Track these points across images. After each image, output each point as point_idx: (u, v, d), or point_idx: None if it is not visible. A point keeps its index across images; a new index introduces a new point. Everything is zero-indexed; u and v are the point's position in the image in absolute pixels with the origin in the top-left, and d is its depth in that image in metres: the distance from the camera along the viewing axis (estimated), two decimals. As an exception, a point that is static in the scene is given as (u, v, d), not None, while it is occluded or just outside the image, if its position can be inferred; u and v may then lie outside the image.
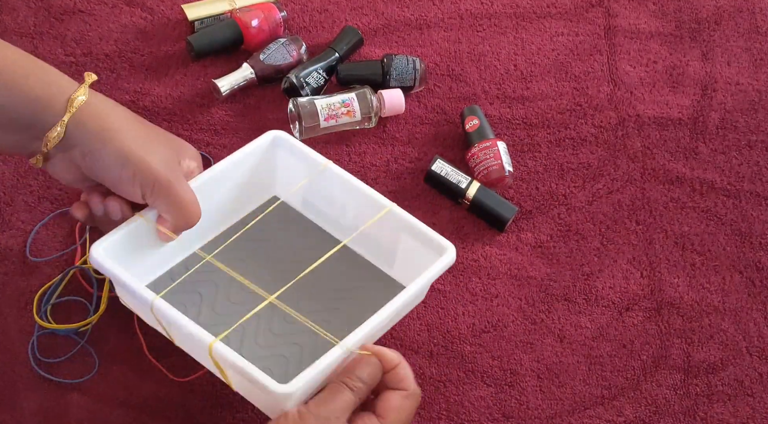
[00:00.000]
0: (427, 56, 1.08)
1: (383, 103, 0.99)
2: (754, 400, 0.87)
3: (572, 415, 0.84)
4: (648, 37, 1.13)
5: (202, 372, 0.82)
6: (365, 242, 0.82)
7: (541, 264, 0.93)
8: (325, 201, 0.84)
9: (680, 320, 0.91)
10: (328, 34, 1.08)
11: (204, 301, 0.79)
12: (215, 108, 1.01)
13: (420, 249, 0.77)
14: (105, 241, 0.72)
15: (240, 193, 0.83)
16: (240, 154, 0.80)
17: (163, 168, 0.70)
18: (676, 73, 1.10)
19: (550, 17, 1.14)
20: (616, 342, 0.89)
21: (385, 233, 0.80)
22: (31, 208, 0.91)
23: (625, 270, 0.94)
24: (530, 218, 0.96)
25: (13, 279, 0.86)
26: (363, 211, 0.80)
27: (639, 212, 0.98)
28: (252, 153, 0.81)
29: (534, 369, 0.87)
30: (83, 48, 1.04)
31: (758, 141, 1.05)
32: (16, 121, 0.67)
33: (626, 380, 0.87)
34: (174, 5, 1.08)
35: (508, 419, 0.84)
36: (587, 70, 1.09)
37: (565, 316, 0.90)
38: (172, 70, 1.03)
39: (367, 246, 0.83)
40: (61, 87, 0.68)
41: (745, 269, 0.95)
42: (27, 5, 1.06)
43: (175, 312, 0.68)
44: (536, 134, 1.03)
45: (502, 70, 1.08)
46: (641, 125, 1.05)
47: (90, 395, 0.81)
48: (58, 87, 0.68)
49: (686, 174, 1.01)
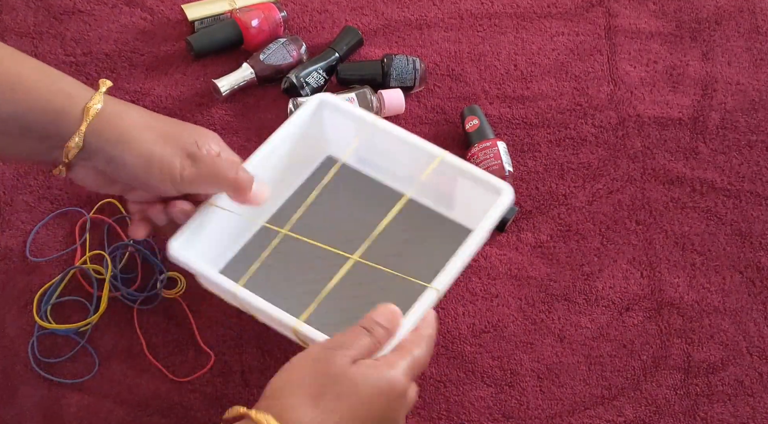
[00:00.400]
0: (427, 56, 1.08)
1: (383, 103, 0.99)
2: (754, 400, 0.87)
3: (572, 415, 0.84)
4: (648, 37, 1.13)
5: (202, 372, 0.82)
6: (423, 190, 0.84)
7: (541, 264, 0.93)
8: (378, 156, 0.85)
9: (680, 320, 0.91)
10: (328, 34, 1.08)
11: (282, 274, 0.80)
12: (215, 108, 1.01)
13: (477, 191, 0.80)
14: (180, 237, 0.73)
15: (295, 161, 0.85)
16: (289, 125, 0.81)
17: (185, 156, 0.69)
18: (676, 73, 1.10)
19: (551, 17, 1.14)
20: (616, 342, 0.89)
21: (441, 180, 0.82)
22: (31, 209, 0.91)
23: (625, 270, 0.94)
24: (530, 218, 0.96)
25: (13, 279, 0.86)
26: (416, 161, 0.82)
27: (639, 211, 0.98)
28: (301, 121, 0.82)
29: (534, 369, 0.87)
30: (83, 48, 1.04)
31: (758, 141, 1.05)
32: (36, 131, 0.67)
33: (626, 380, 0.87)
34: (174, 5, 1.08)
35: (508, 419, 0.84)
36: (587, 70, 1.09)
37: (565, 316, 0.90)
38: (172, 70, 1.03)
39: (426, 194, 0.85)
40: (76, 96, 0.68)
41: (745, 269, 0.95)
42: (27, 5, 1.06)
43: (258, 299, 0.70)
44: (536, 134, 1.03)
45: (502, 70, 1.08)
46: (641, 125, 1.05)
47: (90, 395, 0.81)
48: (74, 96, 0.68)
49: (686, 174, 1.01)
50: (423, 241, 0.84)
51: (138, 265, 0.87)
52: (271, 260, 0.80)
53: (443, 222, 0.86)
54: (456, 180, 0.82)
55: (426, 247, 0.84)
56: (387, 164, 0.86)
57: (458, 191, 0.83)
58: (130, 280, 0.87)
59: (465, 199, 0.83)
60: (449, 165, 0.80)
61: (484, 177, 0.79)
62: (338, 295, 0.76)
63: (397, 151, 0.83)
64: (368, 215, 0.82)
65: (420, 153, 0.81)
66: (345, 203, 0.86)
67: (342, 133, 0.85)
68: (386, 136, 0.82)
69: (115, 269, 0.86)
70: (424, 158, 0.81)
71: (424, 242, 0.84)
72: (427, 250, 0.84)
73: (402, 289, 0.76)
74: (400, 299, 0.75)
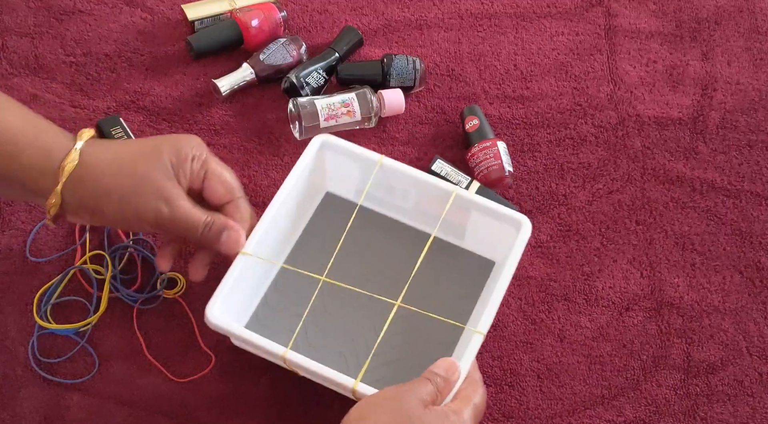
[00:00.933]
0: (427, 56, 1.08)
1: (383, 104, 0.99)
2: (754, 400, 0.87)
3: (572, 415, 0.84)
4: (648, 37, 1.13)
5: (203, 373, 0.82)
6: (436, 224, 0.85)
7: (541, 264, 0.93)
8: (383, 191, 0.86)
9: (680, 320, 0.91)
10: (328, 34, 1.08)
11: (320, 328, 0.82)
12: (215, 108, 1.01)
13: (492, 223, 0.83)
14: (216, 302, 0.73)
15: (300, 202, 0.86)
16: (296, 174, 0.81)
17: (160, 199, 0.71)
18: (676, 73, 1.10)
19: (550, 17, 1.14)
20: (616, 342, 0.89)
21: (454, 213, 0.84)
22: (31, 208, 0.91)
23: (625, 270, 0.94)
24: (530, 218, 0.96)
25: (13, 279, 0.86)
26: (424, 195, 0.84)
27: (639, 212, 0.98)
28: (305, 165, 0.83)
29: (534, 369, 0.87)
30: (83, 48, 1.04)
31: (758, 141, 1.05)
32: (19, 184, 0.69)
33: (626, 380, 0.87)
34: (174, 5, 1.08)
35: (508, 419, 0.84)
36: (587, 69, 1.09)
37: (565, 316, 0.90)
38: (172, 70, 1.03)
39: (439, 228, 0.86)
40: (55, 152, 0.69)
41: (745, 269, 0.95)
42: (27, 5, 1.06)
43: (312, 363, 0.72)
44: (536, 134, 1.03)
45: (502, 70, 1.08)
46: (641, 125, 1.05)
47: (90, 395, 0.81)
48: (53, 153, 0.69)
49: (686, 174, 1.01)
50: (446, 276, 0.86)
51: (138, 265, 0.87)
52: (300, 308, 0.81)
53: (459, 254, 0.88)
54: (469, 212, 0.84)
55: (451, 281, 0.86)
56: (391, 199, 0.87)
57: (470, 223, 0.85)
58: (130, 280, 0.87)
59: (477, 229, 0.86)
60: (463, 200, 0.83)
61: (501, 211, 0.82)
62: (382, 347, 0.79)
63: (404, 186, 0.85)
64: (390, 254, 0.86)
65: (431, 189, 0.83)
66: (365, 245, 0.88)
67: (344, 170, 0.87)
68: (392, 174, 0.84)
69: (115, 269, 0.86)
70: (436, 194, 0.83)
71: (448, 276, 0.87)
72: (452, 284, 0.86)
73: (439, 330, 0.81)
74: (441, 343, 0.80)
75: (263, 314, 0.82)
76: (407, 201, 0.87)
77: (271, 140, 0.99)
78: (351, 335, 0.82)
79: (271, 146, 0.98)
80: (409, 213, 0.88)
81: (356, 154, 0.84)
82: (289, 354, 0.72)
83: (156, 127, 0.98)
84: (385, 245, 0.88)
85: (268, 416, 0.81)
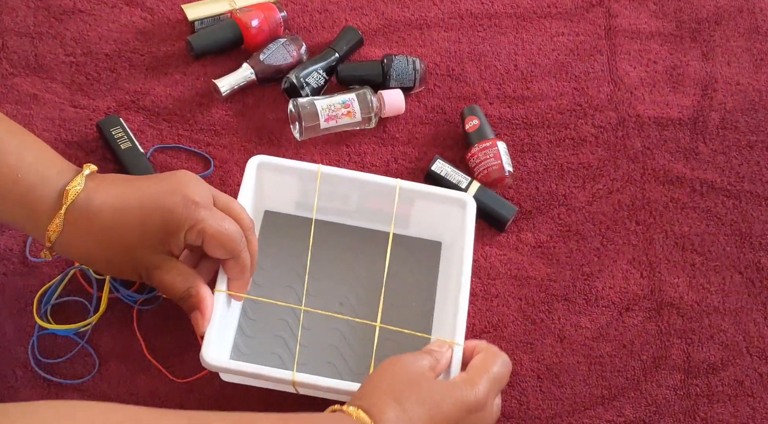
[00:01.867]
0: (427, 56, 1.08)
1: (383, 104, 0.99)
2: (754, 400, 0.87)
3: (572, 415, 0.84)
4: (648, 37, 1.13)
5: (203, 374, 0.82)
6: (381, 218, 0.88)
7: (541, 264, 0.93)
8: (324, 198, 0.87)
9: (680, 320, 0.91)
10: (328, 34, 1.08)
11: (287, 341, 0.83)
12: (215, 108, 1.01)
13: (435, 207, 0.86)
14: (209, 345, 0.73)
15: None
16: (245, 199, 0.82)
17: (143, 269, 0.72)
18: (676, 73, 1.10)
19: (550, 17, 1.14)
20: (616, 342, 0.89)
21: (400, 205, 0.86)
22: (31, 209, 0.91)
23: (625, 270, 0.94)
24: (530, 218, 0.96)
25: (12, 279, 0.86)
26: (367, 194, 0.86)
27: (639, 212, 0.98)
28: (248, 192, 0.83)
29: (534, 369, 0.87)
30: (83, 48, 1.04)
31: (758, 141, 1.05)
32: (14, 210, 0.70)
33: (626, 380, 0.87)
34: (174, 5, 1.08)
35: (508, 419, 0.84)
36: (587, 70, 1.09)
37: (565, 316, 0.90)
38: (172, 70, 1.03)
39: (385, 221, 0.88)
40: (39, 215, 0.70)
41: (745, 269, 0.95)
42: (27, 5, 1.06)
43: (321, 379, 0.73)
44: (536, 134, 1.03)
45: (502, 70, 1.08)
46: (641, 125, 1.05)
47: (90, 396, 0.81)
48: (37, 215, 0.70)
49: (686, 174, 1.01)
50: (401, 266, 0.88)
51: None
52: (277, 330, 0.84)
53: (407, 242, 0.90)
54: (413, 201, 0.86)
55: (406, 271, 0.88)
56: (332, 205, 0.88)
57: (414, 210, 0.87)
58: (130, 281, 0.86)
59: (420, 215, 0.88)
60: (406, 190, 0.85)
61: (445, 194, 0.85)
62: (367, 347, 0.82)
63: (346, 190, 0.86)
64: (348, 258, 0.88)
65: (374, 187, 0.85)
66: (323, 254, 0.89)
67: (282, 188, 0.87)
68: (334, 180, 0.85)
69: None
70: (379, 190, 0.85)
71: (403, 266, 0.88)
72: (408, 274, 0.88)
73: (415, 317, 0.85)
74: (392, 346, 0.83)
75: (243, 343, 0.82)
76: (349, 204, 0.88)
77: (271, 140, 0.99)
78: (332, 344, 0.83)
79: (271, 146, 0.98)
80: (353, 215, 0.89)
81: (295, 168, 0.84)
82: (298, 377, 0.73)
83: (156, 127, 0.98)
84: (341, 249, 0.89)
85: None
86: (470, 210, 0.83)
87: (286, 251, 0.88)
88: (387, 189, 0.85)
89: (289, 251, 0.88)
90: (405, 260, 0.89)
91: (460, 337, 0.75)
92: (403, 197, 0.85)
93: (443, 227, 0.88)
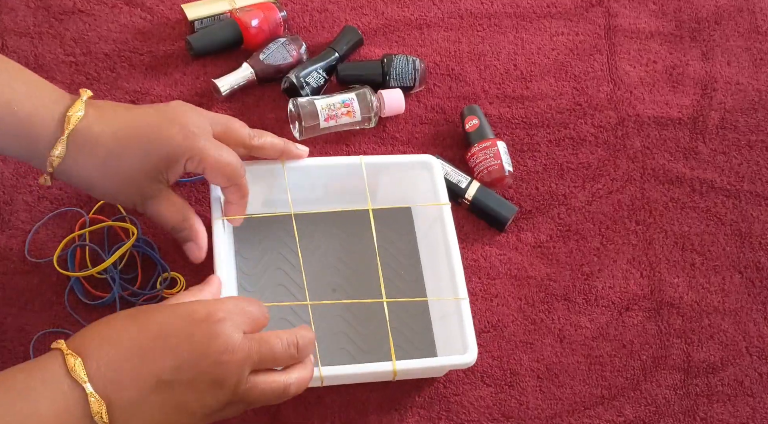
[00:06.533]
0: (427, 56, 1.08)
1: (383, 104, 0.99)
2: (754, 400, 0.87)
3: (572, 415, 0.84)
4: (648, 37, 1.13)
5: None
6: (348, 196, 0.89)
7: (541, 264, 0.93)
8: (291, 191, 0.87)
9: (680, 320, 0.91)
10: (328, 34, 1.08)
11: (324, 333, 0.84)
12: (215, 108, 1.01)
13: (400, 175, 0.89)
14: None
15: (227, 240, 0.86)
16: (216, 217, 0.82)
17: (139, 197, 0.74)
18: (676, 73, 1.10)
19: (550, 17, 1.14)
20: (616, 342, 0.89)
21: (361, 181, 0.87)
22: (31, 208, 0.91)
23: (625, 270, 0.94)
24: (530, 218, 0.96)
25: (12, 279, 0.86)
26: (333, 177, 0.87)
27: (639, 212, 0.98)
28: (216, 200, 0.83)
29: (534, 369, 0.87)
30: (83, 48, 1.03)
31: (758, 141, 1.05)
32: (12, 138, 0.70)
33: (626, 380, 0.87)
34: (174, 5, 1.08)
35: (508, 419, 0.84)
36: (587, 69, 1.09)
37: (565, 316, 0.90)
38: (172, 70, 1.03)
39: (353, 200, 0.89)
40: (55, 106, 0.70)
41: (745, 269, 0.95)
42: (26, 5, 1.06)
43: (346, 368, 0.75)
44: (536, 134, 1.03)
45: (502, 70, 1.08)
46: (641, 125, 1.05)
47: (90, 395, 0.81)
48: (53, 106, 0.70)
49: (686, 174, 1.01)
50: (380, 240, 0.89)
51: (138, 265, 0.87)
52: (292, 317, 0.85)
53: (379, 215, 0.90)
54: (379, 173, 0.87)
55: (387, 243, 0.90)
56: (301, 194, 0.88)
57: (381, 183, 0.89)
58: (131, 280, 0.86)
59: (386, 186, 0.90)
60: (371, 164, 0.87)
61: (409, 159, 0.88)
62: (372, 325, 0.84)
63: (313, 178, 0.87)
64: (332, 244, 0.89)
65: (340, 168, 0.86)
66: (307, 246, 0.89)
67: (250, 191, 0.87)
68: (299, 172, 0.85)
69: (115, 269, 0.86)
70: (345, 171, 0.86)
71: (383, 240, 0.90)
72: (391, 244, 0.90)
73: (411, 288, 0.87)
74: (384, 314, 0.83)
75: None
76: (315, 191, 0.89)
77: (271, 140, 0.99)
78: (339, 331, 0.84)
79: (271, 146, 0.98)
80: (320, 200, 0.90)
81: (259, 168, 0.85)
82: (325, 370, 0.74)
83: (156, 127, 0.98)
84: (318, 237, 0.89)
85: (266, 415, 0.81)
86: (437, 170, 0.86)
87: (265, 251, 0.88)
88: (352, 168, 0.86)
89: (269, 251, 0.88)
90: (381, 232, 0.89)
91: (463, 292, 0.79)
92: (369, 172, 0.87)
93: (412, 192, 0.90)
